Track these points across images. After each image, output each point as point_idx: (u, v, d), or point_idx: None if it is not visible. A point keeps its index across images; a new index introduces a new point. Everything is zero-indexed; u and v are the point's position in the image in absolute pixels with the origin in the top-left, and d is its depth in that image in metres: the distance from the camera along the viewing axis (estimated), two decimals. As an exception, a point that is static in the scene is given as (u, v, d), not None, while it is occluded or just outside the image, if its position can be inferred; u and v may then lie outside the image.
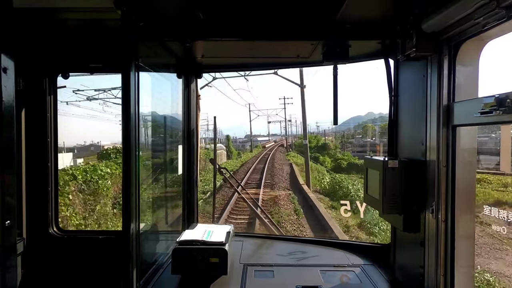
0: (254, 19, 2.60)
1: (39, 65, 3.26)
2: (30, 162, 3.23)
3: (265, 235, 4.24)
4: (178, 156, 3.72)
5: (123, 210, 2.26)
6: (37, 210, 3.26)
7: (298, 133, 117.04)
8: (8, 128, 1.76)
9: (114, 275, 2.99)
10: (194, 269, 2.77)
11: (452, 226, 2.15)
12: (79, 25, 2.80)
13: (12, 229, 1.76)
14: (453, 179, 2.15)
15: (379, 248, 3.35)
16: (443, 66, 2.18)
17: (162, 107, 3.48)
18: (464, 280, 2.17)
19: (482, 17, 1.70)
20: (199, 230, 3.14)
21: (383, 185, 2.44)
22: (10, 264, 1.79)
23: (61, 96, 22.17)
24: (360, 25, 2.57)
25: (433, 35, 2.17)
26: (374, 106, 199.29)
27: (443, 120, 2.18)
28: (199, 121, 3.98)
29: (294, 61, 3.54)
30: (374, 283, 2.77)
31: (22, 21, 2.63)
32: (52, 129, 3.35)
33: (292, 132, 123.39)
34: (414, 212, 2.44)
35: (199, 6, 2.40)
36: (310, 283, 2.74)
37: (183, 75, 3.70)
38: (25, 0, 2.28)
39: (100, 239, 3.32)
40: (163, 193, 3.73)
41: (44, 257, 3.28)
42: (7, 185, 1.73)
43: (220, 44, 2.99)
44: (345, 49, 2.81)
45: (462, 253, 2.15)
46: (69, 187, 12.09)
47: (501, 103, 1.65)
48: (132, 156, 2.23)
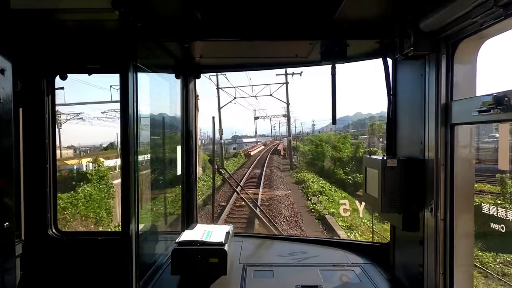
0: (252, 19, 2.60)
1: (37, 66, 3.25)
2: (28, 164, 3.21)
3: (265, 235, 4.24)
4: (177, 157, 3.72)
5: (122, 211, 2.26)
6: (36, 211, 3.25)
7: (297, 134, 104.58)
8: (6, 129, 1.76)
9: (113, 276, 2.98)
10: (193, 269, 2.77)
11: (451, 225, 2.16)
12: (77, 26, 2.79)
13: (10, 231, 1.75)
14: (452, 178, 2.15)
15: (378, 247, 3.35)
16: (441, 65, 2.19)
17: (161, 108, 3.48)
18: (463, 279, 2.17)
19: (480, 16, 1.71)
20: (199, 230, 3.14)
21: (382, 184, 2.44)
22: (9, 266, 1.78)
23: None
24: (358, 24, 2.57)
25: (431, 34, 2.17)
26: (363, 107, 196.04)
27: (442, 119, 2.18)
28: (198, 122, 3.97)
29: (293, 60, 3.54)
30: (374, 282, 2.77)
31: (19, 22, 2.62)
32: (50, 130, 3.34)
33: (281, 132, 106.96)
34: (413, 211, 2.44)
35: (197, 6, 2.39)
36: (310, 282, 2.74)
37: (181, 76, 3.70)
38: (22, 1, 2.28)
39: (100, 240, 3.32)
40: (162, 194, 3.72)
41: (43, 259, 3.27)
42: (5, 186, 1.73)
43: (218, 44, 2.99)
44: (343, 49, 2.82)
45: (461, 251, 2.16)
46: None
47: (499, 102, 1.66)
48: (130, 157, 2.23)
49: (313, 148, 34.53)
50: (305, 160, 38.33)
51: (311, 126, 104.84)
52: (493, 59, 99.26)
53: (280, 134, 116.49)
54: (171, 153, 3.75)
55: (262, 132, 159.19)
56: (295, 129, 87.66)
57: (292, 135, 47.91)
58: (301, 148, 48.80)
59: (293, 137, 65.02)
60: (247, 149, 70.67)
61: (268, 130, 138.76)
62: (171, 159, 3.75)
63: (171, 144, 3.78)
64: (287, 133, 47.46)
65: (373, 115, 75.46)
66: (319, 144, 33.26)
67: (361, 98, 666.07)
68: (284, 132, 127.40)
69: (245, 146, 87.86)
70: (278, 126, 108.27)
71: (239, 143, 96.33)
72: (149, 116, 3.19)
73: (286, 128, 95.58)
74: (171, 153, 3.75)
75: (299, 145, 53.65)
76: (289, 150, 40.95)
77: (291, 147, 41.16)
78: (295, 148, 49.58)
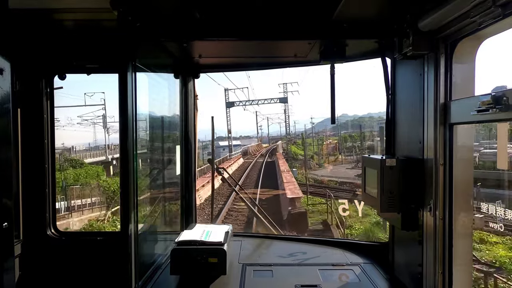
0: (251, 18, 2.60)
1: (36, 66, 3.25)
2: (27, 164, 3.21)
3: (264, 235, 4.24)
4: (176, 157, 3.71)
5: (121, 211, 2.26)
6: (35, 211, 3.25)
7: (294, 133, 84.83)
8: (5, 129, 1.75)
9: (112, 276, 2.98)
10: (193, 269, 2.77)
11: (450, 224, 2.16)
12: (75, 25, 2.79)
13: (9, 231, 1.75)
14: (451, 177, 2.16)
15: (377, 246, 3.36)
16: (439, 65, 2.19)
17: (160, 108, 3.47)
18: (462, 278, 2.17)
19: (478, 15, 1.71)
20: (198, 230, 3.13)
21: (381, 184, 2.44)
22: (8, 266, 1.78)
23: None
24: (357, 24, 2.58)
25: (429, 34, 2.17)
26: (349, 108, 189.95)
27: (440, 119, 2.18)
28: (197, 122, 3.97)
29: (292, 60, 3.54)
30: (373, 281, 2.77)
31: (18, 22, 2.61)
32: (49, 130, 3.33)
33: (272, 132, 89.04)
34: (412, 210, 2.45)
35: (196, 5, 2.39)
36: (309, 282, 2.74)
37: (180, 75, 3.69)
38: (21, 1, 2.27)
39: (99, 241, 3.31)
40: (161, 194, 3.72)
41: (42, 259, 3.26)
42: (4, 186, 1.72)
43: (217, 44, 2.99)
44: (342, 48, 2.82)
45: (460, 250, 2.16)
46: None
47: (498, 101, 1.66)
48: (130, 157, 2.23)
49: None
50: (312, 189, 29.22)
51: (310, 124, 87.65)
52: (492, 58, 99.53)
53: (269, 134, 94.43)
54: (170, 153, 3.74)
55: (244, 131, 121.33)
56: (285, 128, 73.08)
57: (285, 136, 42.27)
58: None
59: (288, 140, 57.45)
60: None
61: (253, 127, 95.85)
62: (170, 159, 3.74)
63: (170, 144, 3.78)
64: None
65: (359, 116, 71.61)
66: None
67: (348, 100, 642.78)
68: (276, 132, 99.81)
69: (221, 153, 59.26)
70: (267, 123, 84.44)
71: (217, 147, 62.33)
72: (148, 116, 3.18)
73: (280, 127, 79.82)
74: (170, 153, 3.74)
75: (296, 152, 48.65)
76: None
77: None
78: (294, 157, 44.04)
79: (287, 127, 74.31)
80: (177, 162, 3.71)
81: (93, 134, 60.33)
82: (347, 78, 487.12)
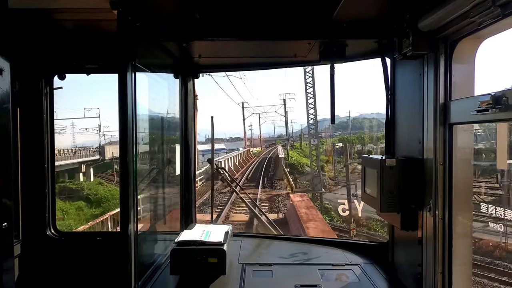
0: (251, 18, 2.60)
1: (35, 66, 3.24)
2: (26, 164, 3.20)
3: (264, 235, 4.24)
4: (175, 157, 3.71)
5: (121, 211, 2.26)
6: (34, 211, 3.24)
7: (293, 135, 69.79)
8: (4, 129, 1.75)
9: (112, 276, 2.97)
10: (192, 269, 2.77)
11: (450, 224, 2.16)
12: (75, 25, 2.79)
13: (8, 231, 1.74)
14: (450, 177, 2.16)
15: (377, 246, 3.36)
16: (439, 65, 2.19)
17: (159, 108, 3.47)
18: (461, 278, 2.18)
19: (478, 15, 1.71)
20: (197, 230, 3.13)
21: (380, 184, 2.44)
22: (7, 266, 1.78)
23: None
24: (356, 24, 2.57)
25: (429, 34, 2.17)
26: (341, 109, 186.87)
27: (440, 119, 2.18)
28: (197, 121, 3.97)
29: (292, 60, 3.54)
30: (373, 281, 2.77)
31: (18, 22, 2.61)
32: (48, 130, 3.33)
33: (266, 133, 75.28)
34: (411, 210, 2.45)
35: (196, 6, 2.39)
36: (309, 282, 2.74)
37: (180, 75, 3.69)
38: (20, 1, 2.27)
39: (98, 241, 3.31)
40: (161, 194, 3.72)
41: (42, 259, 3.26)
42: (3, 186, 1.72)
43: (217, 44, 2.99)
44: (342, 48, 2.82)
45: (460, 250, 2.16)
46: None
47: (497, 101, 1.66)
48: (129, 156, 2.23)
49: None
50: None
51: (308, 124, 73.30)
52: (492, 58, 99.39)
53: (261, 134, 75.06)
54: (169, 153, 3.74)
55: (230, 132, 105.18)
56: (285, 129, 62.83)
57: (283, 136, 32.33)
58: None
59: (284, 143, 45.67)
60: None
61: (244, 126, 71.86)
62: (170, 159, 3.74)
63: (169, 144, 3.78)
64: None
65: (347, 118, 64.78)
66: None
67: (341, 100, 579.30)
68: (269, 133, 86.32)
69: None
70: (258, 121, 67.08)
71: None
72: (148, 116, 3.18)
73: (274, 127, 66.61)
74: (170, 153, 3.74)
75: (300, 161, 38.40)
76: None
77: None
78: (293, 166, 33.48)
79: (287, 128, 64.46)
80: (177, 162, 3.71)
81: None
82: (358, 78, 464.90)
